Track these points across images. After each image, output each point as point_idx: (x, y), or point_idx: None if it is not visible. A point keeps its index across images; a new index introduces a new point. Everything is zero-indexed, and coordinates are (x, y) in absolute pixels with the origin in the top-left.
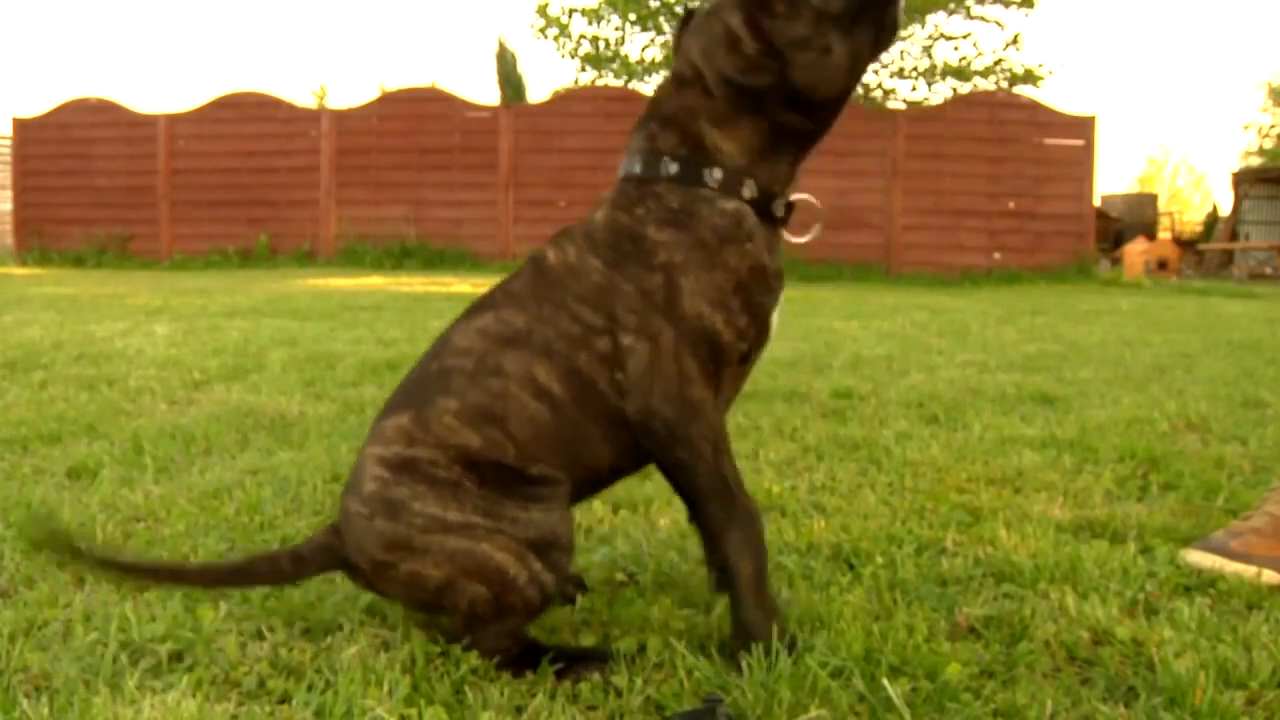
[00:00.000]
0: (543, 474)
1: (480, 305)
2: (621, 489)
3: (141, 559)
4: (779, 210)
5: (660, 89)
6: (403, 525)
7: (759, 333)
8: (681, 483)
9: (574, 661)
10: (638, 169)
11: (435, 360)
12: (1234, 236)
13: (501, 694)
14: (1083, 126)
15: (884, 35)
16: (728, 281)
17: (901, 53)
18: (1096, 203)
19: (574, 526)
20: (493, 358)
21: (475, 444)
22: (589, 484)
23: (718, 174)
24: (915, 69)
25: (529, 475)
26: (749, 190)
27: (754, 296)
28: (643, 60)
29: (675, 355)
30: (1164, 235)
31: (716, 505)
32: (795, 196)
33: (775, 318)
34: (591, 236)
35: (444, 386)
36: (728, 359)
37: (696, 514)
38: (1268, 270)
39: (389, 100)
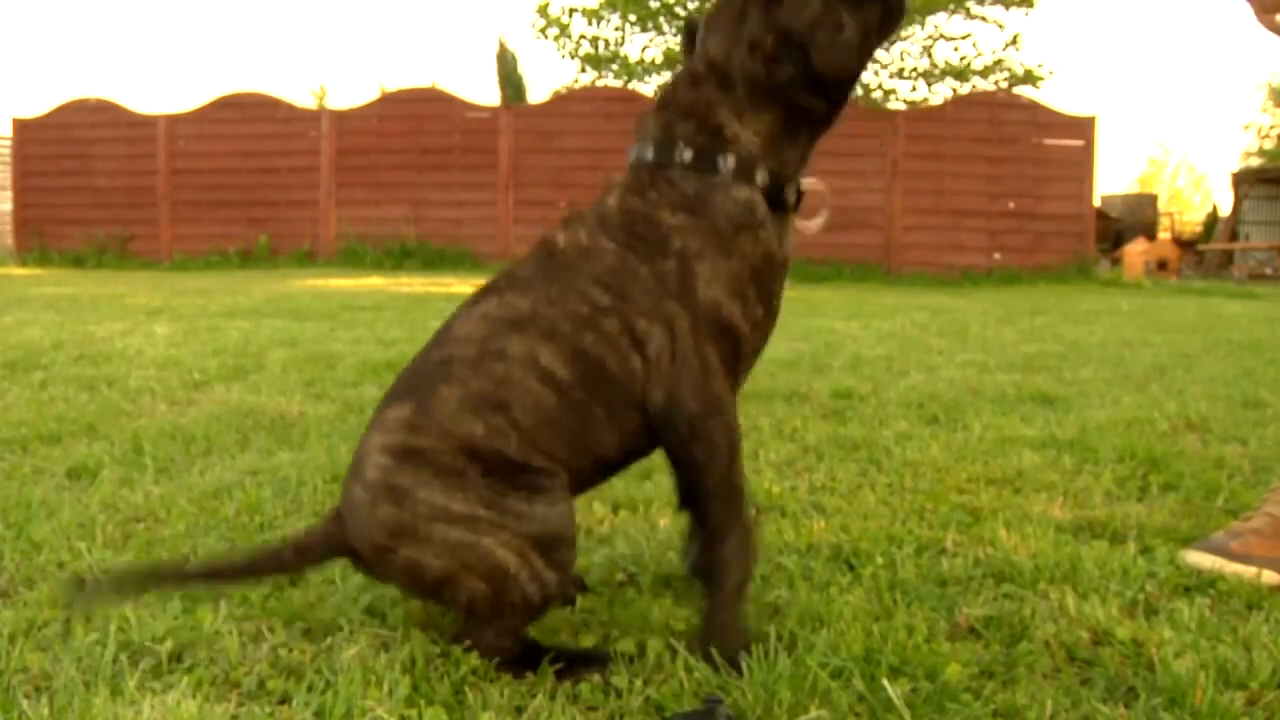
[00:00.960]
0: (544, 465)
1: (486, 290)
2: (621, 489)
3: (139, 565)
4: (790, 196)
5: (673, 85)
6: (407, 512)
7: (771, 322)
8: (691, 480)
9: (574, 662)
10: (650, 155)
11: (437, 349)
12: (1234, 237)
13: (501, 694)
14: (1083, 127)
15: (891, 14)
16: (743, 270)
17: (902, 53)
18: (1096, 203)
19: (576, 521)
20: (495, 342)
21: (478, 432)
22: (593, 473)
23: (731, 161)
24: (915, 69)
25: (531, 467)
26: (761, 177)
27: (767, 285)
28: (643, 60)
29: (696, 345)
30: (1164, 235)
31: (720, 506)
32: (803, 183)
33: None
34: (604, 219)
35: (446, 375)
36: (743, 350)
37: (698, 510)
38: (1268, 270)
39: (389, 100)
